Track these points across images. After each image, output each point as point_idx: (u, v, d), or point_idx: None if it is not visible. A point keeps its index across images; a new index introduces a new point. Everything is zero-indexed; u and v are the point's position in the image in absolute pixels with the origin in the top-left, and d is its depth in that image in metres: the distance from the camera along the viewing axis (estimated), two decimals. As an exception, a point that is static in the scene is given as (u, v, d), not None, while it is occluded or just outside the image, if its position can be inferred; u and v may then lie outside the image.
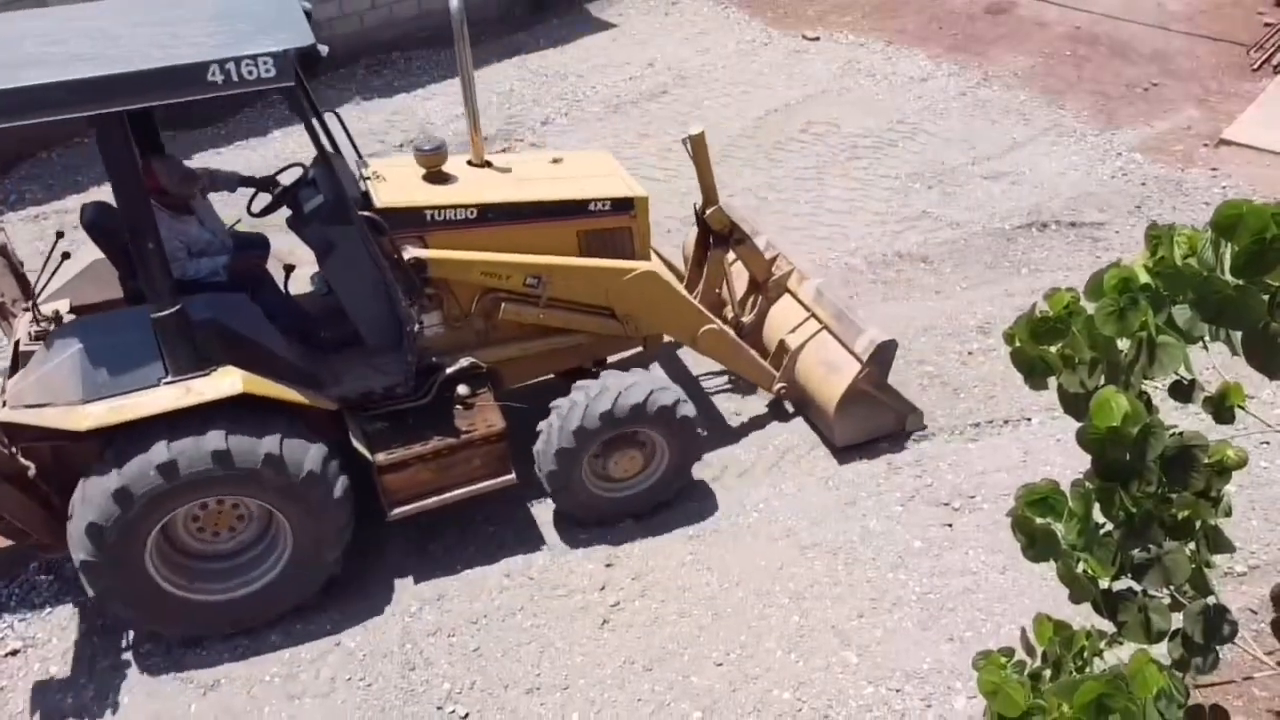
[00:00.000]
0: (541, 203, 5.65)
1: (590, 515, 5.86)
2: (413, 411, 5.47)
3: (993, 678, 2.76)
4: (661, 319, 6.09)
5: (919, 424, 6.44)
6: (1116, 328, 2.68)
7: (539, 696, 5.00)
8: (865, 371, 5.97)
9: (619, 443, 5.65)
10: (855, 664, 5.08)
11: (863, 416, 6.18)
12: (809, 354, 6.30)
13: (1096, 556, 2.90)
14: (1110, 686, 2.47)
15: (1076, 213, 8.54)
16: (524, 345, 5.87)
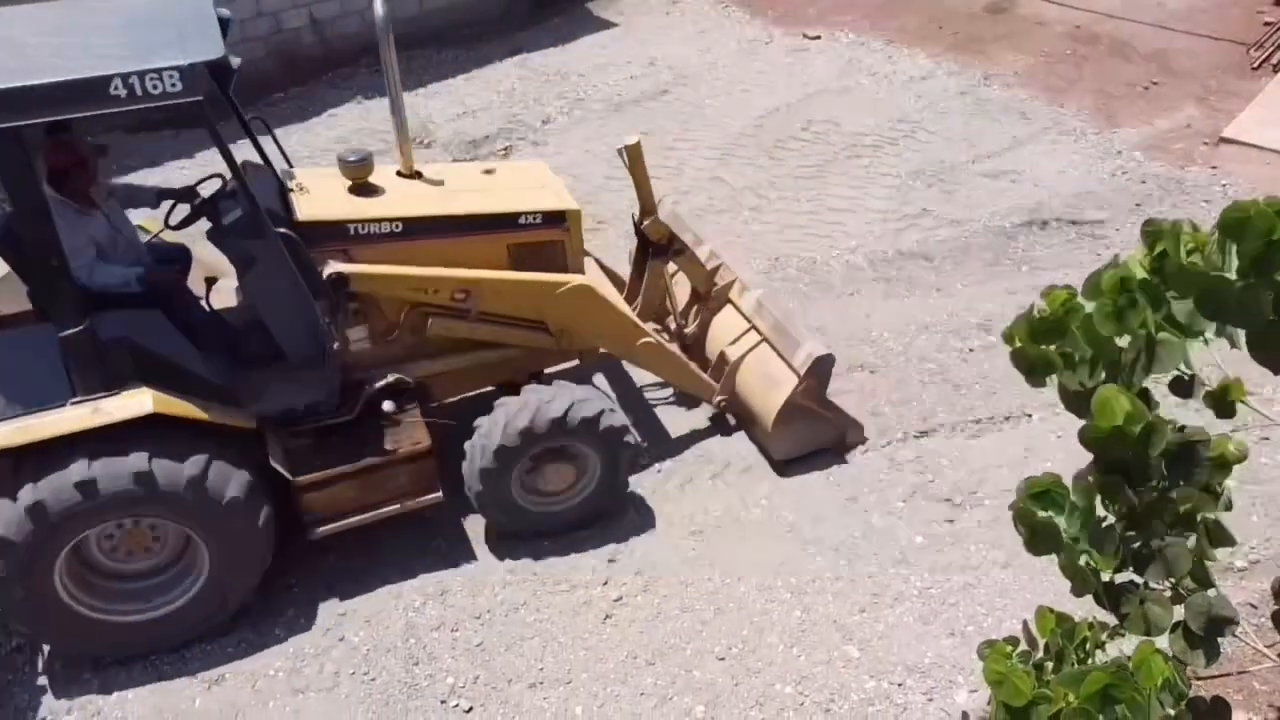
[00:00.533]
0: (470, 216, 5.55)
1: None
2: (337, 428, 5.37)
3: (998, 667, 2.78)
4: (595, 333, 5.98)
5: (859, 437, 6.34)
6: (1115, 327, 2.70)
7: (542, 691, 5.03)
8: (803, 385, 5.89)
9: (549, 457, 5.57)
10: (857, 658, 5.11)
11: (801, 430, 6.10)
12: (748, 367, 6.21)
13: (1099, 549, 2.92)
14: (1116, 677, 2.50)
15: (1077, 211, 8.57)
16: (454, 359, 5.77)
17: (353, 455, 5.29)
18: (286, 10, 10.88)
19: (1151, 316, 2.64)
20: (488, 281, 5.58)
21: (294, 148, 9.68)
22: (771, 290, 6.78)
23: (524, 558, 5.72)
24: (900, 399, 6.71)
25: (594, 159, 9.59)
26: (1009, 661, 2.91)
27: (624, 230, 8.52)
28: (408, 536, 5.82)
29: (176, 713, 4.98)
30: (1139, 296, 2.65)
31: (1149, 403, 2.73)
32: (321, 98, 10.69)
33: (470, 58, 11.53)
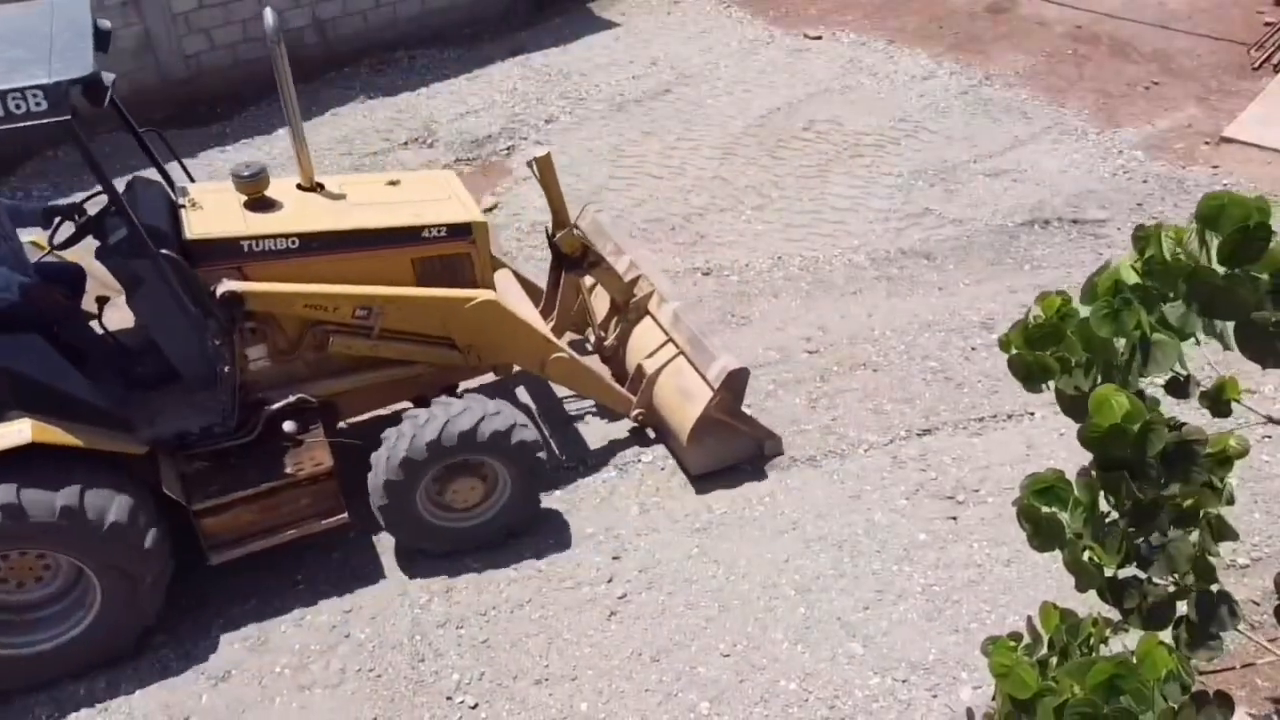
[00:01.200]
0: (371, 230, 5.41)
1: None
2: (237, 450, 5.25)
3: (1004, 660, 2.80)
4: (505, 348, 5.87)
5: (777, 449, 6.29)
6: (1111, 329, 2.73)
7: (547, 687, 5.05)
8: (717, 399, 5.82)
9: (456, 472, 5.48)
10: (861, 655, 5.13)
11: (717, 444, 6.06)
12: (665, 380, 6.15)
13: (1102, 544, 2.95)
14: (1121, 668, 2.52)
15: (1078, 210, 8.59)
16: (360, 377, 5.64)
17: (252, 478, 5.17)
18: (289, 10, 10.90)
19: (1145, 317, 2.67)
20: (390, 298, 5.42)
21: (297, 147, 9.72)
22: (689, 301, 6.76)
23: (528, 555, 5.74)
24: (903, 397, 6.73)
25: (596, 158, 9.62)
26: (1014, 655, 2.93)
27: (626, 229, 8.56)
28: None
29: (183, 709, 5.00)
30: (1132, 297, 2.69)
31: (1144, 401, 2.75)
32: (323, 97, 10.71)
33: (472, 57, 11.56)
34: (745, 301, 7.70)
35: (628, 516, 5.95)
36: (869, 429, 6.48)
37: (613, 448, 6.44)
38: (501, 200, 9.05)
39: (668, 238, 8.50)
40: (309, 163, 5.53)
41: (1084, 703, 2.49)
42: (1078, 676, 2.59)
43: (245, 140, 9.99)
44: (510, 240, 8.50)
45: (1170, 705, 2.64)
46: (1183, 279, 2.53)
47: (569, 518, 5.96)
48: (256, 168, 5.32)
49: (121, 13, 9.93)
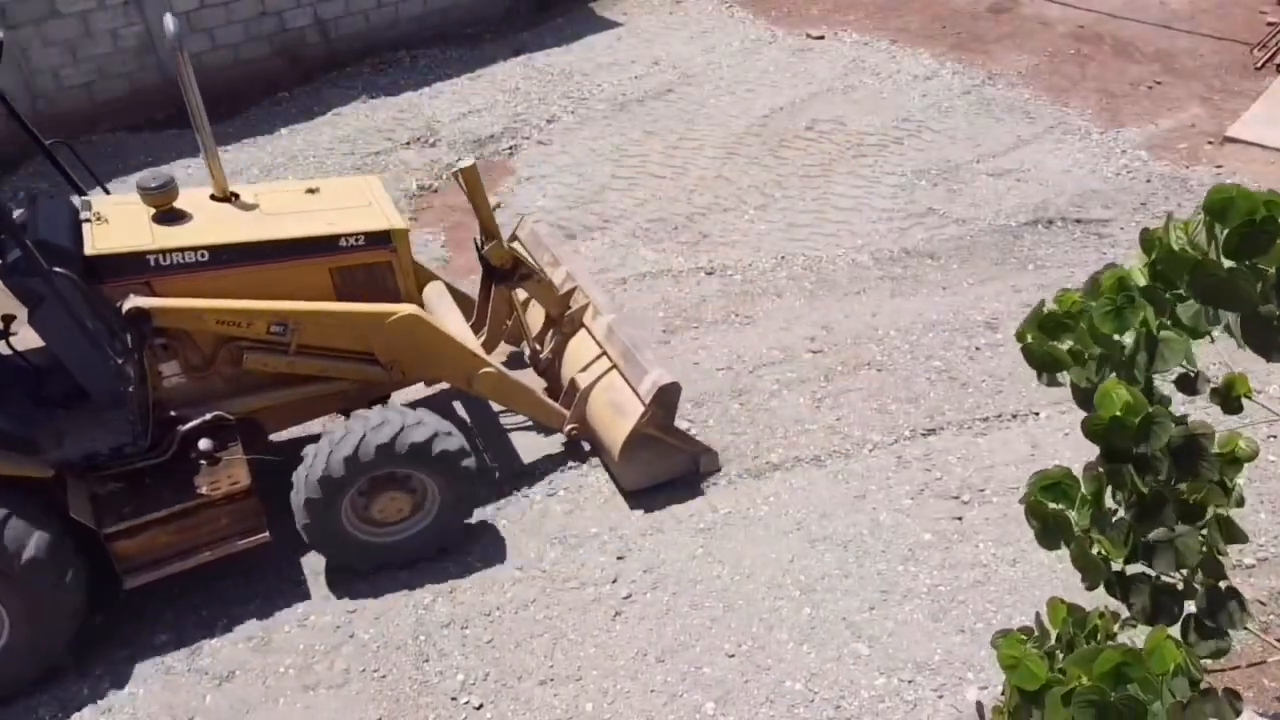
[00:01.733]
0: (285, 240, 5.25)
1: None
2: (151, 470, 5.09)
3: (1013, 652, 2.79)
4: (429, 363, 5.71)
5: (714, 465, 6.17)
6: (1114, 325, 2.74)
7: (552, 687, 5.03)
8: (648, 414, 5.70)
9: (382, 485, 5.35)
10: (867, 655, 5.11)
11: (650, 460, 5.95)
12: (598, 394, 6.04)
13: (1109, 537, 2.94)
14: (1129, 656, 2.51)
15: (1082, 210, 8.58)
16: (281, 393, 5.50)
17: (166, 499, 5.01)
18: (291, 9, 10.90)
19: (1151, 315, 2.68)
20: (305, 313, 5.26)
21: (299, 147, 9.75)
22: (625, 314, 6.55)
23: (532, 556, 5.73)
24: (907, 397, 6.72)
25: (599, 158, 9.61)
26: (1023, 647, 2.92)
27: (629, 229, 8.56)
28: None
29: (187, 709, 4.99)
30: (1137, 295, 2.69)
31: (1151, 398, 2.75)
32: (326, 97, 10.71)
33: (474, 57, 11.55)
34: (749, 301, 7.68)
35: (632, 516, 5.94)
36: (873, 429, 6.47)
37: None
38: (504, 200, 9.03)
39: (670, 237, 8.48)
40: (221, 173, 5.41)
41: (1091, 690, 2.48)
42: (1084, 665, 2.58)
43: (247, 139, 9.98)
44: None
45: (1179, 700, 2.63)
46: (1187, 271, 2.53)
47: (574, 518, 5.94)
48: (164, 179, 5.17)
49: (123, 12, 9.93)
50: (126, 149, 9.80)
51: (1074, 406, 6.59)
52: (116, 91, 10.15)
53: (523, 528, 5.91)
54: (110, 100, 10.09)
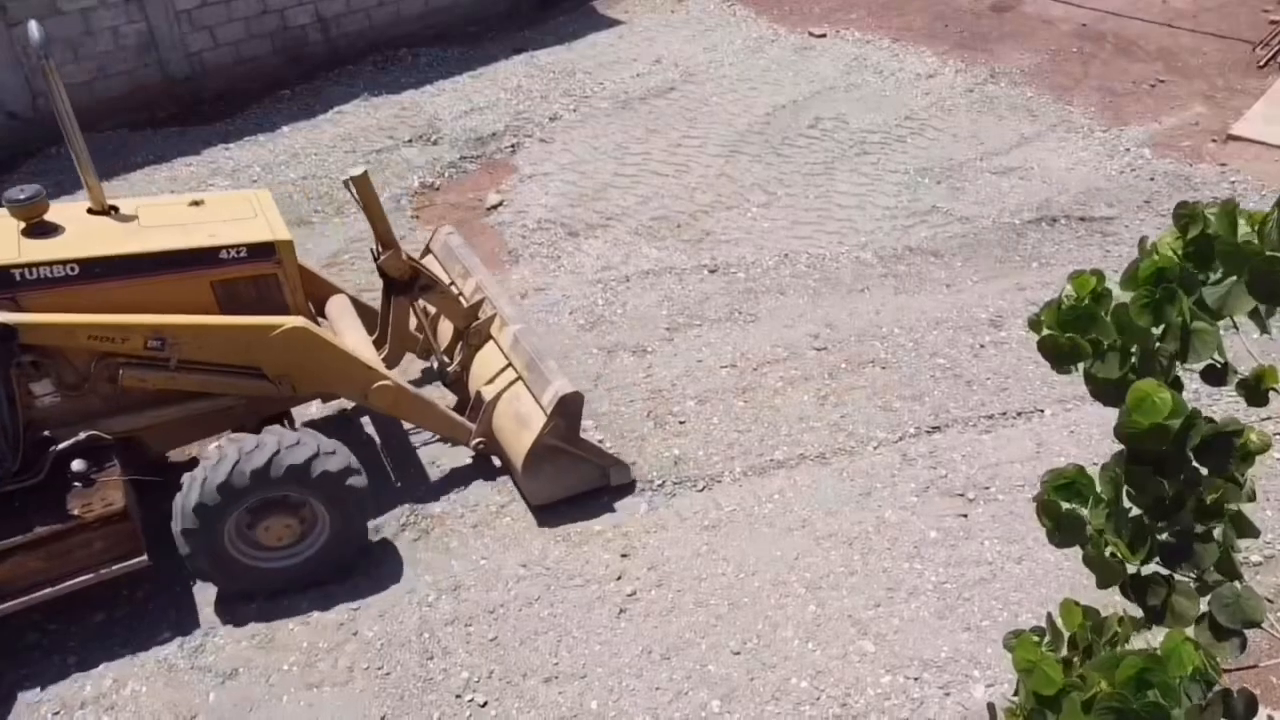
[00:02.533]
0: (160, 253, 5.09)
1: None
2: (22, 494, 4.89)
3: (1029, 655, 2.76)
4: (320, 378, 5.54)
5: (625, 476, 6.02)
6: (1150, 319, 2.68)
7: (557, 685, 5.01)
8: (550, 425, 5.58)
9: (268, 509, 5.18)
10: (873, 653, 5.09)
11: (556, 472, 5.81)
12: (503, 406, 5.91)
13: (1126, 540, 2.91)
14: (1151, 662, 2.48)
15: (1086, 207, 8.56)
16: (164, 411, 5.31)
17: (35, 523, 4.81)
18: (292, 8, 10.88)
19: (1188, 307, 2.63)
20: (184, 327, 5.09)
21: (300, 144, 9.72)
22: (530, 325, 6.42)
23: (536, 553, 5.70)
24: (912, 394, 6.69)
25: (601, 155, 9.59)
26: (1038, 650, 2.89)
27: (631, 226, 8.54)
28: (419, 532, 5.81)
29: (190, 707, 4.96)
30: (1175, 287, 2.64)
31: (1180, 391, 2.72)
32: (327, 95, 10.69)
33: (476, 55, 11.53)
34: (752, 299, 7.66)
35: (636, 514, 5.92)
36: (878, 426, 6.45)
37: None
38: (506, 197, 9.02)
39: (673, 235, 8.46)
40: (97, 186, 5.29)
41: (1113, 697, 2.45)
42: (1106, 671, 2.55)
43: (249, 137, 9.95)
44: (515, 237, 8.48)
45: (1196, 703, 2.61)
46: (1251, 267, 2.47)
47: (578, 516, 5.92)
48: (31, 191, 5.04)
49: (125, 10, 9.91)
50: (128, 147, 9.77)
51: (1079, 404, 6.57)
52: (117, 89, 10.12)
53: (526, 525, 5.88)
54: (111, 98, 10.07)
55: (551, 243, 8.39)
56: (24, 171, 9.38)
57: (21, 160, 9.53)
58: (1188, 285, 2.66)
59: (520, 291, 7.82)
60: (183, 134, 10.00)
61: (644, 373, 6.97)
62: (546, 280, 7.96)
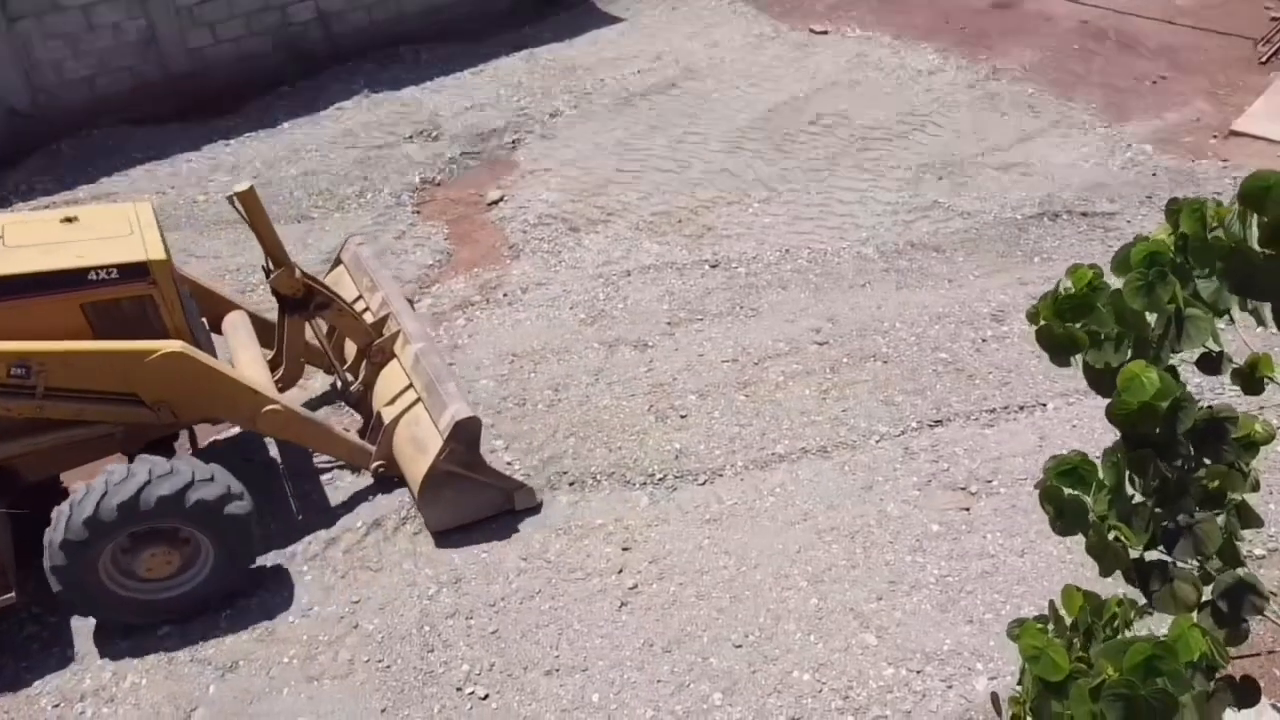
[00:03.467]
0: (23, 276, 4.85)
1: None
2: None
3: (1035, 641, 2.75)
4: (202, 403, 5.30)
5: (530, 500, 5.85)
6: (1145, 301, 2.68)
7: (558, 678, 5.00)
8: (446, 451, 5.41)
9: (146, 541, 5.01)
10: (875, 646, 5.08)
11: (455, 498, 5.62)
12: (402, 429, 5.73)
13: (1129, 525, 2.90)
14: (1160, 649, 2.47)
15: (1088, 203, 8.55)
16: (35, 439, 5.08)
17: None
18: (293, 4, 10.87)
19: (1180, 291, 2.62)
20: (50, 353, 4.85)
21: (301, 140, 9.71)
22: (432, 343, 6.17)
23: (537, 546, 5.69)
24: (914, 388, 6.68)
25: (603, 152, 9.57)
26: (1045, 637, 2.88)
27: (633, 222, 8.53)
28: (419, 524, 5.80)
29: (190, 699, 4.96)
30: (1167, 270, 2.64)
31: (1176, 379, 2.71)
32: (328, 90, 10.67)
33: (477, 52, 11.51)
34: (754, 294, 7.65)
35: (638, 507, 5.91)
36: (880, 420, 6.44)
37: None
38: (508, 193, 9.01)
39: (675, 230, 8.45)
40: None
41: (1121, 684, 2.44)
42: (1114, 657, 2.54)
43: (250, 133, 9.94)
44: (516, 232, 8.47)
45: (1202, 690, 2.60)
46: (1220, 258, 2.48)
47: (577, 509, 5.91)
48: None
49: (126, 6, 9.89)
50: (129, 143, 9.76)
51: (1081, 397, 6.56)
52: (119, 85, 10.11)
53: (528, 518, 5.86)
54: (112, 94, 10.05)
55: (552, 238, 8.38)
56: (26, 168, 9.38)
57: (23, 156, 9.51)
58: (1181, 275, 2.66)
59: (521, 286, 7.81)
60: (184, 130, 9.98)
61: (645, 367, 6.96)
62: (547, 275, 7.95)
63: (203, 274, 6.76)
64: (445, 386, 5.61)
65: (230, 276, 7.93)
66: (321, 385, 6.70)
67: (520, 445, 6.38)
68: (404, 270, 8.02)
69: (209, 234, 8.45)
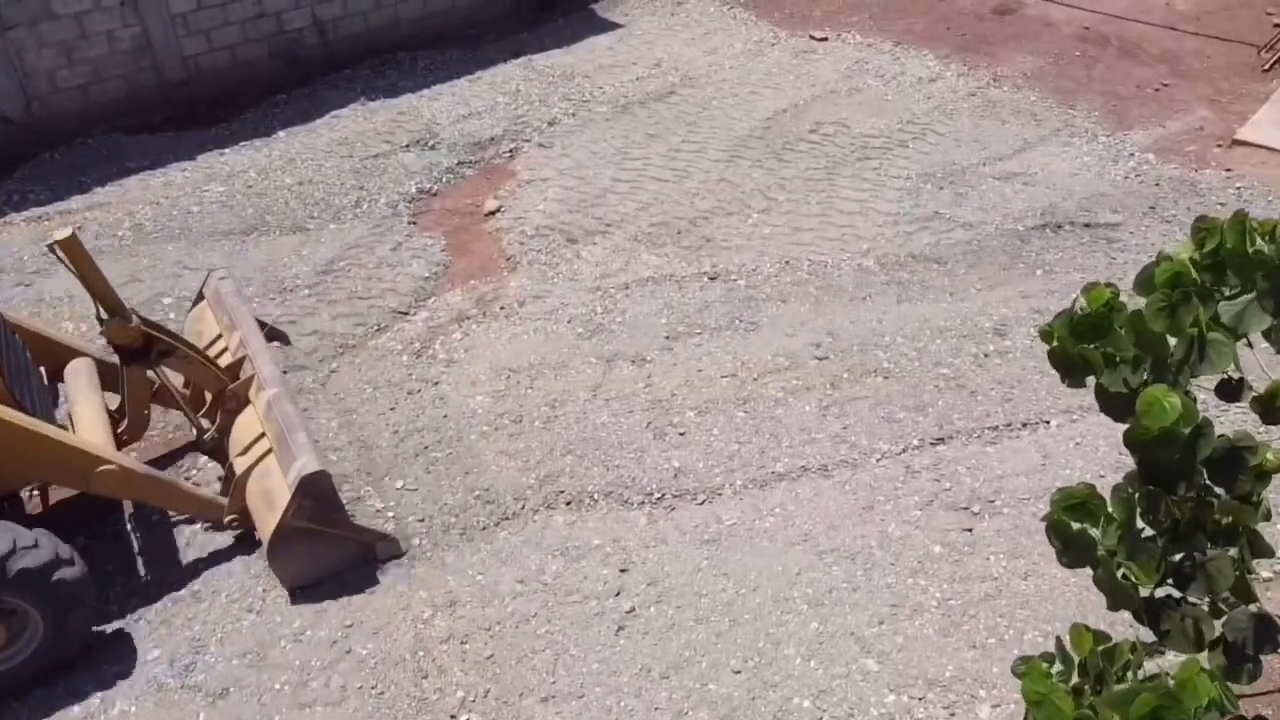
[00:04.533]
0: None
1: None
2: None
3: (1038, 686, 2.67)
4: (22, 467, 4.90)
5: (395, 550, 5.61)
6: (1167, 324, 2.60)
7: (554, 705, 4.91)
8: (294, 507, 5.13)
9: None
10: (876, 671, 5.00)
11: (309, 554, 5.34)
12: (255, 481, 5.43)
13: (1139, 563, 2.82)
14: (1166, 699, 2.39)
15: (1090, 214, 8.46)
16: None
17: None
18: (289, 11, 10.78)
19: (1203, 314, 2.54)
20: None
21: (296, 149, 9.64)
22: (286, 389, 5.80)
23: (533, 569, 5.60)
24: (915, 405, 6.60)
25: (600, 160, 9.49)
26: (1048, 680, 2.80)
27: (631, 233, 8.45)
28: (414, 546, 5.72)
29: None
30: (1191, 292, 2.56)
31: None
32: (324, 98, 10.58)
33: (474, 59, 11.43)
34: (753, 306, 7.57)
35: (635, 528, 5.82)
36: (881, 438, 6.35)
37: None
38: (505, 203, 8.92)
39: (673, 241, 8.37)
40: None
41: None
42: (1120, 708, 2.47)
43: (244, 142, 9.85)
44: (514, 243, 8.38)
45: (1212, 731, 2.52)
46: (1266, 273, 2.38)
47: (574, 529, 5.82)
48: None
49: (120, 14, 9.81)
50: (123, 151, 9.67)
51: (1085, 414, 6.47)
52: (113, 93, 10.02)
53: (524, 539, 5.78)
54: (106, 102, 9.97)
55: (550, 249, 8.29)
56: (18, 177, 9.29)
57: (15, 165, 9.42)
58: (1204, 298, 2.58)
59: (519, 299, 7.72)
60: (178, 138, 9.90)
61: (643, 383, 6.87)
62: (545, 288, 7.87)
63: (39, 318, 6.48)
64: (295, 437, 5.31)
65: (224, 289, 7.84)
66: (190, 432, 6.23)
67: (516, 463, 6.29)
68: (401, 283, 7.93)
69: (204, 245, 8.36)
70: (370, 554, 5.59)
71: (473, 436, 6.50)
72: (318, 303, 7.72)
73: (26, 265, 8.12)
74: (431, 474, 6.23)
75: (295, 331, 7.36)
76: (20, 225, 8.63)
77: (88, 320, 7.42)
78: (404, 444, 6.46)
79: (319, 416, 6.67)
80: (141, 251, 8.29)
